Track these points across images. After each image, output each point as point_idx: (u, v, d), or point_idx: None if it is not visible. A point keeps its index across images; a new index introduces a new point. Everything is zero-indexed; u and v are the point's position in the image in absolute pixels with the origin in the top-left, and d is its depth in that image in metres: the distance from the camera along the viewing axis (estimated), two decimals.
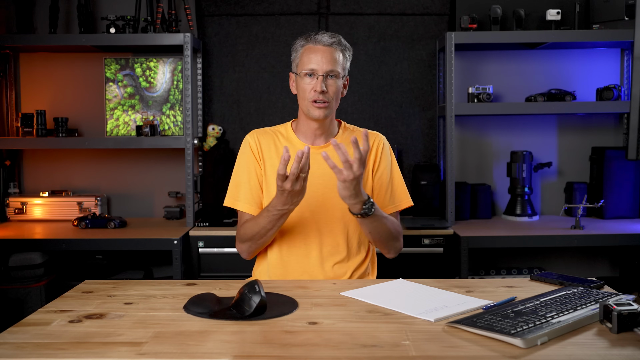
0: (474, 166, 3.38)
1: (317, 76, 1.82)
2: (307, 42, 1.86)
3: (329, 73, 1.82)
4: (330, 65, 1.82)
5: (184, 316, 1.36)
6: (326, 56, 1.82)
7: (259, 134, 1.94)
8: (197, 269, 2.83)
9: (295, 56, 1.89)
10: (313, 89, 1.82)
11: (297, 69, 1.88)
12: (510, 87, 3.32)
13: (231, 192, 1.91)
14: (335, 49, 1.84)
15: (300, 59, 1.86)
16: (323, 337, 1.21)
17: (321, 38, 1.83)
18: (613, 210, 3.16)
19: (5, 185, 3.27)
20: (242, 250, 1.88)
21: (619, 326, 1.20)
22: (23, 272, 2.75)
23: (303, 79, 1.84)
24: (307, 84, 1.83)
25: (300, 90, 1.86)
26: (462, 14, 3.14)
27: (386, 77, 3.32)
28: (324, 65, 1.82)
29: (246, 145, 1.92)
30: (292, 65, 1.91)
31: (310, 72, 1.82)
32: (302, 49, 1.86)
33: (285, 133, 1.94)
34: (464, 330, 1.23)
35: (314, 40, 1.84)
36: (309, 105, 1.83)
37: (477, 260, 3.25)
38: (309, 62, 1.83)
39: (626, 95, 3.21)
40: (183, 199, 3.32)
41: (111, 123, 3.31)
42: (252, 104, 3.33)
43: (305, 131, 1.91)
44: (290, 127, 1.96)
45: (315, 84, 1.81)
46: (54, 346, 1.18)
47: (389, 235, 1.83)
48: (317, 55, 1.82)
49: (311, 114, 1.84)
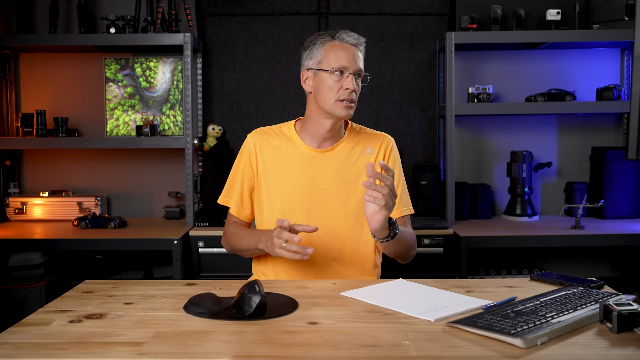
0: (474, 166, 3.38)
1: (348, 74, 1.75)
2: (332, 39, 1.78)
3: (359, 72, 1.78)
4: (359, 64, 1.77)
5: (184, 316, 1.36)
6: (355, 55, 1.77)
7: (261, 134, 1.89)
8: (197, 269, 2.83)
9: (317, 53, 1.79)
10: (344, 87, 1.75)
11: (320, 65, 1.78)
12: (510, 87, 3.32)
13: (226, 190, 1.93)
14: (360, 50, 1.80)
15: (326, 56, 1.77)
16: (323, 337, 1.21)
17: (348, 37, 1.77)
18: (613, 210, 3.16)
19: (5, 185, 3.27)
20: (225, 249, 1.93)
21: (619, 326, 1.20)
22: (23, 272, 2.75)
23: (330, 76, 1.75)
24: (335, 81, 1.75)
25: (326, 88, 1.76)
26: (462, 14, 3.14)
27: (386, 77, 3.32)
28: (355, 64, 1.76)
29: (245, 147, 1.89)
30: (309, 62, 1.81)
31: (341, 69, 1.75)
32: (325, 45, 1.78)
33: (289, 134, 1.88)
34: (464, 330, 1.23)
35: (340, 39, 1.77)
36: (334, 105, 1.76)
37: (477, 260, 3.25)
38: (337, 59, 1.75)
39: (626, 95, 3.21)
40: (183, 199, 3.32)
41: (111, 123, 3.31)
42: (252, 104, 3.33)
43: (314, 133, 1.84)
44: (293, 127, 1.89)
45: (347, 82, 1.75)
46: (54, 346, 1.18)
47: (409, 247, 1.80)
48: (348, 53, 1.75)
49: (337, 113, 1.77)
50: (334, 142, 1.86)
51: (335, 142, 1.87)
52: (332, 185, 1.83)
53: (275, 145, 1.87)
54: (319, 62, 1.78)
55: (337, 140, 1.87)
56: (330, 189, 1.83)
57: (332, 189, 1.83)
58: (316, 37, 1.82)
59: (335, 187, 1.83)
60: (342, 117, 1.78)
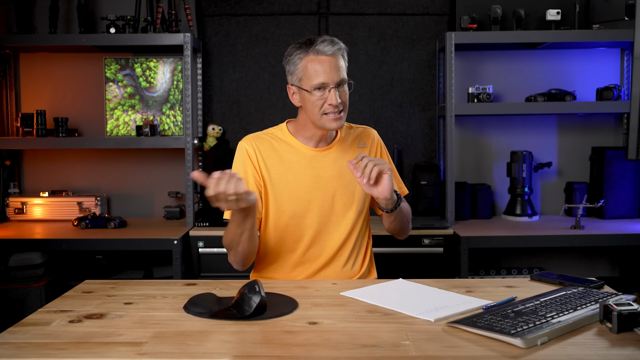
0: (474, 166, 3.38)
1: (329, 89, 1.73)
2: (306, 54, 1.74)
3: (340, 82, 1.75)
4: (339, 74, 1.74)
5: (184, 316, 1.36)
6: (333, 66, 1.72)
7: (256, 139, 1.85)
8: (197, 269, 2.83)
9: (295, 69, 1.77)
10: (328, 102, 1.73)
11: (300, 83, 1.76)
12: (510, 87, 3.32)
13: None
14: (338, 56, 1.76)
15: (305, 73, 1.74)
16: (323, 337, 1.21)
17: (322, 48, 1.72)
18: (613, 210, 3.15)
19: (5, 185, 3.27)
20: (230, 261, 1.79)
21: (619, 326, 1.20)
22: (23, 272, 2.75)
23: (312, 94, 1.73)
24: (318, 98, 1.73)
25: (310, 105, 1.75)
26: (462, 14, 3.14)
27: (386, 77, 3.31)
28: (334, 76, 1.72)
29: (243, 152, 1.83)
30: (292, 78, 1.80)
31: (321, 86, 1.72)
32: (302, 61, 1.75)
33: (284, 137, 1.86)
34: (464, 330, 1.23)
35: (315, 51, 1.73)
36: (322, 119, 1.74)
37: (477, 260, 3.25)
38: (316, 75, 1.72)
39: (626, 95, 3.21)
40: (183, 199, 3.32)
41: (111, 123, 3.31)
42: (252, 104, 3.33)
43: (310, 136, 1.84)
44: (286, 129, 1.87)
45: (330, 97, 1.72)
46: (54, 346, 1.18)
47: (409, 219, 1.90)
48: (324, 65, 1.72)
49: (326, 126, 1.76)
50: (329, 141, 1.88)
51: (330, 140, 1.89)
52: (338, 182, 1.84)
53: (274, 150, 1.84)
54: (300, 80, 1.77)
55: (332, 139, 1.89)
56: (337, 185, 1.84)
57: (339, 186, 1.84)
58: (293, 50, 1.79)
59: (342, 183, 1.84)
60: (332, 129, 1.78)
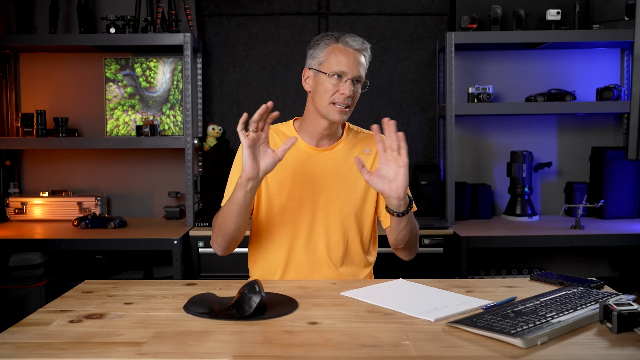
0: (474, 166, 3.38)
1: (346, 79, 1.74)
2: (336, 42, 1.77)
3: (358, 78, 1.77)
4: (358, 70, 1.76)
5: (184, 316, 1.36)
6: (356, 60, 1.75)
7: None
8: (197, 269, 2.83)
9: (319, 53, 1.79)
10: (340, 91, 1.75)
11: (320, 66, 1.77)
12: (510, 87, 3.32)
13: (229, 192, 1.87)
14: (364, 55, 1.78)
15: (327, 58, 1.76)
16: (323, 337, 1.21)
17: (352, 42, 1.76)
18: (613, 210, 3.16)
19: (5, 185, 3.27)
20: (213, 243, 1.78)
21: (619, 326, 1.20)
22: (23, 272, 2.75)
23: (329, 79, 1.75)
24: (333, 84, 1.74)
25: (322, 90, 1.76)
26: (462, 14, 3.14)
27: (386, 77, 3.32)
28: (354, 70, 1.74)
29: None
30: (312, 62, 1.81)
31: (340, 74, 1.74)
32: (328, 47, 1.77)
33: (287, 133, 1.88)
34: (464, 330, 1.23)
35: (344, 42, 1.76)
36: (328, 108, 1.76)
37: (477, 260, 3.25)
38: (338, 63, 1.74)
39: (626, 95, 3.21)
40: (183, 199, 3.32)
41: (111, 123, 3.31)
42: (252, 104, 3.33)
43: (312, 131, 1.84)
44: (292, 126, 1.90)
45: (344, 87, 1.74)
46: (54, 346, 1.18)
47: (416, 234, 1.80)
48: (349, 57, 1.75)
49: (330, 116, 1.77)
50: (332, 142, 1.87)
51: (333, 141, 1.87)
52: (332, 184, 1.83)
53: (274, 144, 1.84)
54: (320, 64, 1.78)
55: (336, 140, 1.88)
56: (330, 187, 1.83)
57: (332, 188, 1.83)
58: (322, 37, 1.82)
59: (335, 186, 1.83)
60: (334, 121, 1.78)
